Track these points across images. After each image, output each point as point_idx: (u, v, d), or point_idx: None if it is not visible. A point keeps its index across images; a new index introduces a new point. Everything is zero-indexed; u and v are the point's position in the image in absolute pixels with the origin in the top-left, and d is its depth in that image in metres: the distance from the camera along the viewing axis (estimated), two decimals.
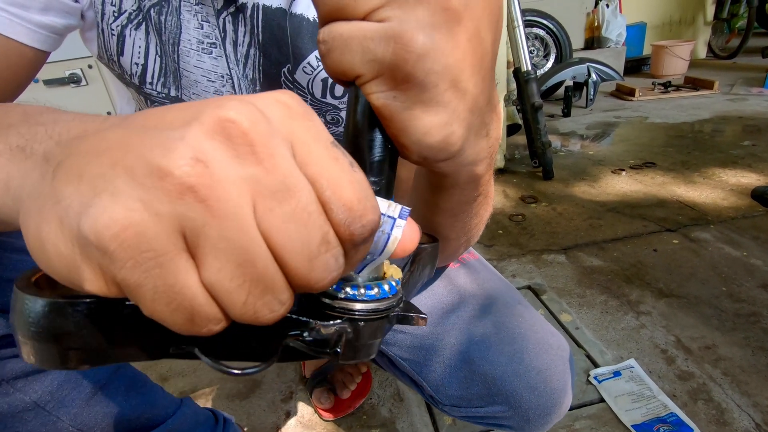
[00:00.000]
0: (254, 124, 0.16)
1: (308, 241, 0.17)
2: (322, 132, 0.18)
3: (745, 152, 2.16)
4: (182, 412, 0.62)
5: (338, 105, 0.58)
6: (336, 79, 0.23)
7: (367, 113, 0.23)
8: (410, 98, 0.22)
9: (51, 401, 0.46)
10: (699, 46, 4.50)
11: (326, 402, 0.97)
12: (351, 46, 0.21)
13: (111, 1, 0.49)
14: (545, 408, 0.51)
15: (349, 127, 0.24)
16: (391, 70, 0.21)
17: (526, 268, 1.43)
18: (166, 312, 0.16)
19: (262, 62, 0.54)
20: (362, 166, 0.23)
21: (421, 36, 0.20)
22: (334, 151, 0.18)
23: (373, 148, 0.24)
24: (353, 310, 0.23)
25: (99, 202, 0.15)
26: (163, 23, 0.50)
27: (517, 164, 2.30)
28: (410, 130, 0.23)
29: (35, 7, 0.45)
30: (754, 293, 1.22)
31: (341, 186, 0.17)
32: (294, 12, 0.51)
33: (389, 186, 0.25)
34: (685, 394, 0.95)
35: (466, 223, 0.41)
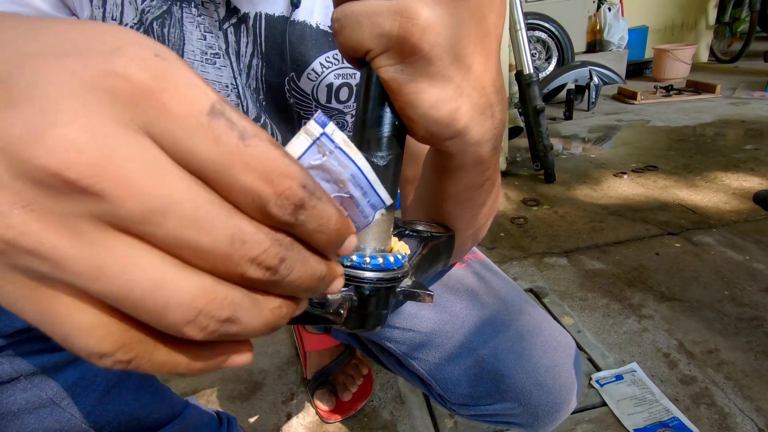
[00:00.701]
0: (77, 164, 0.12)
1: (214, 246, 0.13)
2: (190, 104, 0.13)
3: (748, 156, 2.15)
4: (188, 412, 0.63)
5: (343, 110, 0.59)
6: (348, 56, 0.24)
7: (376, 90, 0.24)
8: (416, 71, 0.23)
9: (66, 398, 0.46)
10: (701, 49, 4.50)
11: (327, 404, 0.97)
12: (361, 22, 0.22)
13: (111, 15, 0.49)
14: (554, 404, 0.51)
15: (359, 105, 0.26)
16: (398, 43, 0.22)
17: (528, 271, 1.43)
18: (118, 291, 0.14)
19: (265, 72, 0.54)
20: (371, 141, 0.25)
21: (425, 10, 0.21)
22: (214, 128, 0.13)
23: (382, 124, 0.25)
24: (358, 278, 0.24)
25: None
26: (166, 36, 0.50)
27: (518, 167, 2.30)
28: (417, 102, 0.24)
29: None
30: (756, 297, 1.22)
31: (233, 173, 0.14)
32: (296, 19, 0.51)
33: (397, 160, 0.26)
34: (687, 399, 0.95)
35: (474, 213, 0.41)
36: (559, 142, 2.63)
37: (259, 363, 1.13)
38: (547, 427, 0.53)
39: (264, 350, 1.18)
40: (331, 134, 0.17)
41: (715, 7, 4.35)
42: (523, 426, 0.54)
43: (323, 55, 0.53)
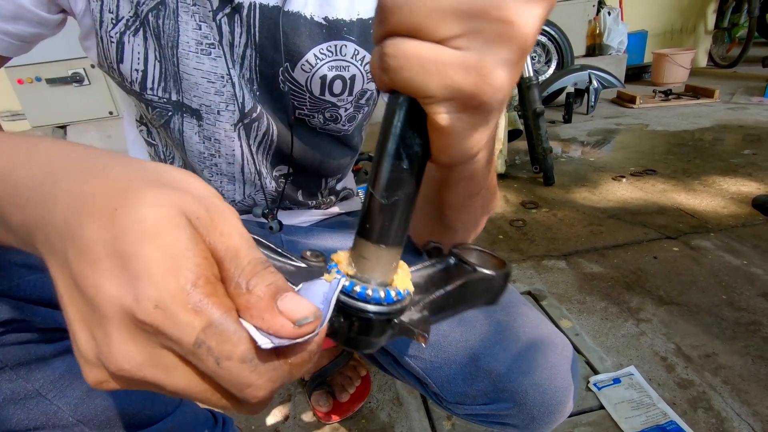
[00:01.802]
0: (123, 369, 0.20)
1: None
2: (181, 337, 0.19)
3: (746, 161, 2.16)
4: (182, 410, 0.62)
5: (336, 102, 0.58)
6: (390, 90, 0.24)
7: (412, 123, 0.24)
8: (474, 121, 0.23)
9: (53, 390, 0.46)
10: (700, 54, 4.52)
11: (325, 405, 0.96)
12: (428, 69, 0.21)
13: (108, 8, 0.48)
14: (550, 406, 0.51)
15: (388, 134, 0.25)
16: (466, 97, 0.22)
17: (527, 274, 1.43)
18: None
19: (259, 62, 0.54)
20: (393, 171, 0.25)
21: (500, 72, 0.21)
22: (197, 355, 0.19)
23: (411, 155, 0.25)
24: (355, 308, 0.26)
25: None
26: (161, 27, 0.50)
27: (518, 170, 2.30)
28: (462, 146, 0.24)
29: (5, 16, 0.44)
30: (754, 302, 1.22)
31: (210, 395, 0.21)
32: (290, 10, 0.51)
33: (414, 197, 0.26)
34: (684, 402, 0.95)
35: (471, 215, 0.42)
36: (559, 146, 2.63)
37: None
38: (544, 429, 0.53)
39: None
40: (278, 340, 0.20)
41: (714, 12, 4.36)
42: (519, 428, 0.54)
43: (317, 47, 0.53)
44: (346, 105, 0.59)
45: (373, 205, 0.26)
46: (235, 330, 0.19)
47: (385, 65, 0.22)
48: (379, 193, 0.25)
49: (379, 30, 0.22)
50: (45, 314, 0.45)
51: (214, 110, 0.56)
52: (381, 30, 0.22)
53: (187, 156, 0.60)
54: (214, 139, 0.58)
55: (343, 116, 0.61)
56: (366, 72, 0.57)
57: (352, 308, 0.26)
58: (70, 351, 0.48)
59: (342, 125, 0.62)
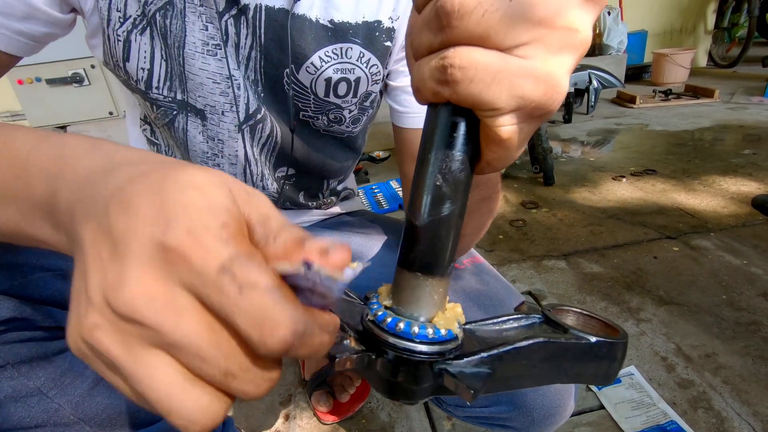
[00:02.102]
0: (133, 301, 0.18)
1: (215, 375, 0.19)
2: (205, 264, 0.18)
3: (746, 161, 2.16)
4: None
5: (341, 104, 0.59)
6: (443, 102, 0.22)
7: (465, 134, 0.22)
8: (531, 130, 0.22)
9: (54, 388, 0.46)
10: (699, 54, 4.52)
11: (325, 405, 0.96)
12: (500, 81, 0.20)
13: (116, 7, 0.49)
14: (549, 408, 0.51)
15: (431, 149, 0.23)
16: (534, 108, 0.21)
17: (527, 274, 1.43)
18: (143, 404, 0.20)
19: (264, 64, 0.54)
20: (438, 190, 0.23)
21: (565, 79, 0.21)
22: (220, 283, 0.18)
23: (458, 167, 0.23)
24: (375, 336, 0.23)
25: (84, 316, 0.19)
26: (168, 27, 0.50)
27: (518, 170, 2.30)
28: (513, 156, 0.23)
29: (16, 15, 0.44)
30: (754, 302, 1.22)
31: (234, 319, 0.18)
32: (296, 12, 0.51)
33: (462, 211, 0.24)
34: (685, 402, 0.95)
35: (480, 221, 0.42)
36: (558, 146, 2.63)
37: None
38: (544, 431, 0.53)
39: None
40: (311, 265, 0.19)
41: (714, 12, 4.36)
42: (520, 430, 0.53)
43: (322, 49, 0.53)
44: (350, 107, 0.59)
45: (414, 229, 0.23)
46: (261, 263, 0.19)
47: (452, 77, 0.20)
48: (422, 214, 0.23)
49: (439, 37, 0.20)
50: (47, 312, 0.45)
51: (218, 111, 0.56)
52: (442, 37, 0.20)
53: (190, 156, 0.60)
54: (217, 140, 0.58)
55: (347, 118, 0.61)
56: (371, 74, 0.57)
57: (381, 341, 0.23)
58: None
59: (345, 127, 0.62)
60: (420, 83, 0.22)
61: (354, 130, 0.64)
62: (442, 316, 0.24)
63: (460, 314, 0.25)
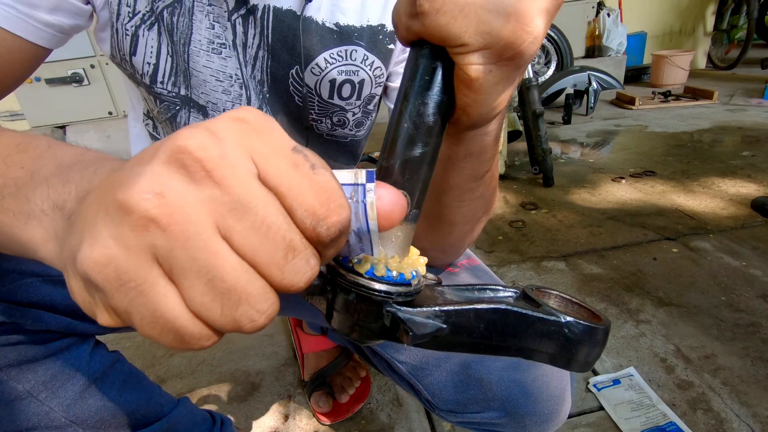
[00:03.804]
0: (205, 149, 0.17)
1: (273, 251, 0.18)
2: (282, 141, 0.19)
3: (745, 162, 2.17)
4: (178, 411, 0.62)
5: (345, 106, 0.59)
6: (415, 39, 0.22)
7: (438, 77, 0.22)
8: (503, 74, 0.22)
9: (44, 391, 0.46)
10: (699, 56, 4.53)
11: (324, 406, 0.96)
12: (467, 14, 0.20)
13: (126, 2, 0.49)
14: (542, 415, 0.50)
15: (410, 90, 0.23)
16: (502, 46, 0.21)
17: (526, 275, 1.43)
18: (155, 334, 0.18)
19: (270, 64, 0.54)
20: (412, 131, 0.23)
21: (538, 20, 0.20)
22: (294, 158, 0.18)
23: (430, 111, 0.23)
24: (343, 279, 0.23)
25: (84, 245, 0.17)
26: (175, 24, 0.50)
27: (517, 170, 2.30)
28: (487, 103, 0.23)
29: (44, 7, 0.45)
30: (753, 303, 1.23)
31: (302, 192, 0.18)
32: (304, 15, 0.51)
33: (434, 154, 0.24)
34: (684, 404, 0.95)
35: (472, 206, 0.41)
36: (558, 147, 2.63)
37: (256, 364, 1.13)
38: None
39: (261, 351, 1.17)
40: (368, 191, 0.20)
41: (713, 14, 4.37)
42: None
43: (328, 51, 0.54)
44: (354, 109, 0.60)
45: (381, 170, 0.24)
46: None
47: (420, 9, 0.21)
48: (390, 155, 0.23)
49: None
50: (36, 316, 0.45)
51: (219, 108, 0.56)
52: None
53: None
54: None
55: (350, 121, 0.61)
56: (375, 77, 0.57)
57: (335, 272, 0.23)
58: (62, 352, 0.48)
59: (349, 130, 0.63)
60: (396, 18, 0.22)
61: (357, 134, 0.64)
62: (399, 260, 0.24)
63: (420, 264, 0.25)
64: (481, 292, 0.28)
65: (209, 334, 0.18)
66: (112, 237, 0.17)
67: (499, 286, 0.28)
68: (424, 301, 0.25)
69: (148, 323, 0.17)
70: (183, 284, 0.17)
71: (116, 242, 0.17)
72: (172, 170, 0.17)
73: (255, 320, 0.18)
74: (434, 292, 0.27)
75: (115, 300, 0.17)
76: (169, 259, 0.17)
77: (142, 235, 0.16)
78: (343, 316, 0.24)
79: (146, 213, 0.16)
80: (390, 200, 0.21)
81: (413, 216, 0.24)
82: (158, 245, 0.17)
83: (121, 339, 1.22)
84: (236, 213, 0.17)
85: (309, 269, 0.19)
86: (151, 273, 0.17)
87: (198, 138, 0.17)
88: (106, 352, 0.55)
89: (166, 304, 0.17)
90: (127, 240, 0.17)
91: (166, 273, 0.17)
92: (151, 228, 0.16)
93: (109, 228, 0.17)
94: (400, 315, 0.23)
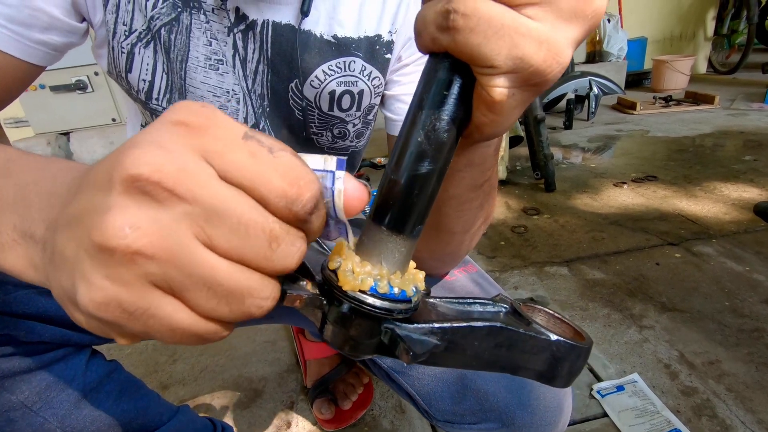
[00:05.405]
0: (159, 170, 0.17)
1: (257, 246, 0.18)
2: (229, 131, 0.18)
3: (747, 167, 2.16)
4: (178, 419, 0.62)
5: (345, 118, 0.59)
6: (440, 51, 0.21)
7: (457, 93, 0.22)
8: (524, 98, 0.22)
9: (38, 402, 0.46)
10: (699, 61, 4.54)
11: (327, 412, 0.96)
12: (501, 36, 0.19)
13: (122, 21, 0.50)
14: (539, 427, 0.50)
15: (424, 102, 0.22)
16: (531, 73, 0.20)
17: (529, 280, 1.43)
18: (176, 341, 0.19)
19: (270, 78, 0.55)
20: (423, 145, 0.22)
21: (568, 50, 0.20)
22: (249, 147, 0.18)
23: (445, 127, 0.22)
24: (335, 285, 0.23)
25: (80, 290, 0.18)
26: (172, 41, 0.51)
27: (519, 176, 2.31)
28: (504, 123, 0.23)
29: (38, 26, 0.45)
30: (757, 308, 1.22)
31: (268, 179, 0.18)
32: (302, 28, 0.52)
33: (441, 174, 0.23)
34: (689, 410, 0.95)
35: (471, 216, 0.41)
36: (560, 152, 2.64)
37: (259, 371, 1.13)
38: None
39: (264, 358, 1.17)
40: (337, 178, 0.20)
41: (713, 19, 4.39)
42: None
43: (326, 63, 0.54)
44: (354, 120, 0.60)
45: (388, 183, 0.23)
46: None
47: (453, 24, 0.19)
48: (398, 168, 0.22)
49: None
50: (30, 328, 0.45)
51: None
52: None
53: None
54: None
55: (351, 132, 0.61)
56: (374, 87, 0.57)
57: (333, 287, 0.23)
58: (57, 362, 0.48)
59: (350, 142, 0.63)
60: (421, 26, 0.21)
61: (357, 145, 0.65)
62: (400, 276, 0.24)
63: (420, 280, 0.25)
64: (472, 306, 0.28)
65: (226, 327, 0.20)
66: (106, 278, 0.17)
67: (488, 301, 0.28)
68: (420, 316, 0.25)
69: (168, 336, 0.19)
70: (187, 297, 0.18)
71: (112, 282, 0.17)
72: (137, 199, 0.17)
73: (262, 306, 0.19)
74: (427, 305, 0.27)
75: (129, 328, 0.18)
76: (166, 280, 0.18)
77: (133, 268, 0.17)
78: (337, 329, 0.24)
79: (129, 248, 0.17)
80: (355, 187, 0.21)
81: (417, 232, 0.24)
82: (151, 272, 0.17)
83: (124, 346, 1.22)
84: (212, 221, 0.17)
85: (296, 251, 0.19)
86: (155, 297, 0.18)
87: (147, 159, 0.17)
88: (102, 361, 0.55)
89: (178, 318, 0.18)
90: (121, 276, 0.17)
91: (167, 292, 0.18)
92: (139, 260, 0.17)
93: (98, 270, 0.17)
94: (398, 332, 0.23)
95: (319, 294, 0.24)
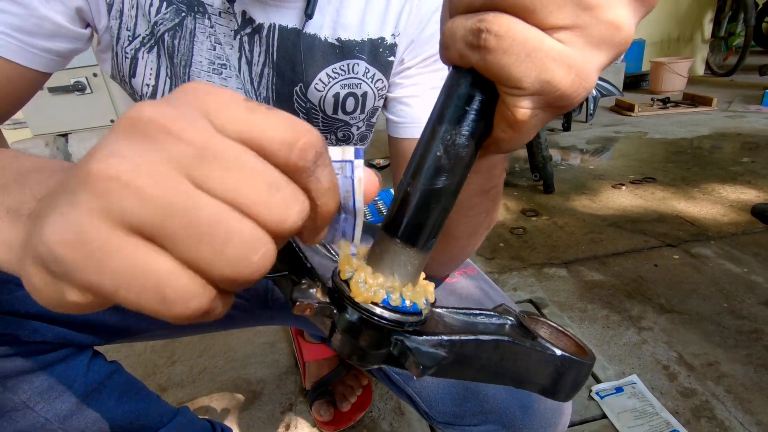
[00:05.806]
0: (159, 112, 0.17)
1: (255, 188, 0.17)
2: (232, 94, 0.18)
3: (745, 169, 2.17)
4: (178, 421, 0.62)
5: (349, 121, 0.59)
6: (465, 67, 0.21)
7: (480, 109, 0.21)
8: (545, 118, 0.22)
9: (40, 402, 0.46)
10: (697, 63, 4.55)
11: (326, 414, 0.96)
12: (533, 59, 0.19)
13: (126, 26, 0.50)
14: (539, 428, 0.50)
15: (446, 113, 0.22)
16: (557, 96, 0.20)
17: (528, 282, 1.43)
18: (140, 297, 0.16)
19: (275, 81, 0.55)
20: (446, 156, 0.22)
21: (595, 75, 0.20)
22: (248, 104, 0.18)
23: (465, 142, 0.22)
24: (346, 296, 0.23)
25: (45, 223, 0.16)
26: (176, 46, 0.51)
27: (517, 177, 2.31)
28: (523, 141, 0.23)
29: (43, 34, 0.45)
30: (755, 310, 1.22)
31: (265, 128, 0.18)
32: (307, 32, 0.52)
33: (458, 187, 0.24)
34: (687, 411, 0.95)
35: (475, 221, 0.41)
36: (558, 153, 2.64)
37: (257, 373, 1.13)
38: None
39: (263, 360, 1.17)
40: (356, 167, 0.20)
41: (711, 21, 4.40)
42: None
43: (330, 66, 0.54)
44: (358, 123, 0.60)
45: (403, 196, 0.23)
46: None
47: (485, 43, 0.19)
48: (415, 182, 0.22)
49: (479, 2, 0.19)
50: (32, 327, 0.45)
51: None
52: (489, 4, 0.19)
53: None
54: None
55: (355, 135, 0.62)
56: (377, 89, 0.57)
57: (344, 297, 0.23)
58: (59, 363, 0.48)
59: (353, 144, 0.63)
60: (450, 41, 0.21)
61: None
62: (412, 288, 0.24)
63: (430, 292, 0.25)
64: (477, 317, 0.28)
65: (208, 289, 0.17)
66: (73, 205, 0.15)
67: (493, 312, 0.28)
68: (427, 326, 0.25)
69: (137, 289, 0.16)
70: (161, 237, 0.16)
71: (79, 210, 0.15)
72: (131, 137, 0.16)
73: (249, 258, 0.16)
74: (434, 315, 0.27)
75: (84, 272, 0.15)
76: (140, 216, 0.15)
77: (105, 196, 0.15)
78: (347, 339, 0.24)
79: (106, 172, 0.15)
80: (370, 178, 0.21)
81: (430, 245, 0.24)
82: (126, 205, 0.15)
83: (122, 348, 1.22)
84: (206, 160, 0.16)
85: (297, 202, 0.18)
86: (126, 233, 0.16)
87: (148, 105, 0.17)
88: (103, 362, 0.55)
89: (145, 260, 0.16)
90: (90, 203, 0.15)
91: (139, 233, 0.16)
92: (114, 186, 0.15)
93: (69, 199, 0.16)
94: (408, 344, 0.23)
95: (330, 303, 0.24)
